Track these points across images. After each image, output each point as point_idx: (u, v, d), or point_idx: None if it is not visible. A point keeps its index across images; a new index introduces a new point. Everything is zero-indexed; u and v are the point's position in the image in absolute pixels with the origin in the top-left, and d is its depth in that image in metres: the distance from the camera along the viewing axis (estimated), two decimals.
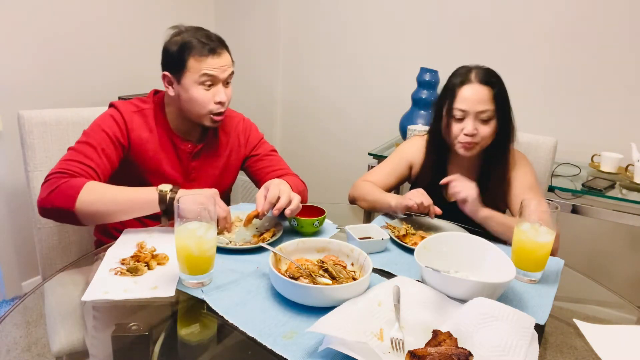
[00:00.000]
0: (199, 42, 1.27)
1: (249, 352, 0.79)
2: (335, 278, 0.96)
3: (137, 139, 1.33)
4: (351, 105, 2.79)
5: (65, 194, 1.12)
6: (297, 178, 1.47)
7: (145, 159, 1.34)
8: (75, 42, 2.26)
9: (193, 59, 1.26)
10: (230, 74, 1.33)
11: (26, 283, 2.29)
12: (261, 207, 1.17)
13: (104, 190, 1.16)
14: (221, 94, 1.31)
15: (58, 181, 1.14)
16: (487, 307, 0.84)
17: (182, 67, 1.27)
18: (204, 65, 1.26)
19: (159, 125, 1.36)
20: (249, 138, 1.51)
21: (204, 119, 1.33)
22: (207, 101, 1.29)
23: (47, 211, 1.15)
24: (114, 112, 1.33)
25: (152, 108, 1.37)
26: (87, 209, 1.12)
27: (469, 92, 1.34)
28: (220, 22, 3.05)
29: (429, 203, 1.28)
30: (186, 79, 1.28)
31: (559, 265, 1.14)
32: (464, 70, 1.38)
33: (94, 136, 1.27)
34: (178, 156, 1.39)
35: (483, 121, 1.35)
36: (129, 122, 1.32)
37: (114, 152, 1.28)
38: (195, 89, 1.28)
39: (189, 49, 1.26)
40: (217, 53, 1.28)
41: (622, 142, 2.02)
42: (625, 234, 2.18)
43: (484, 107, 1.33)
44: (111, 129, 1.29)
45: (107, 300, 0.90)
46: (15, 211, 2.17)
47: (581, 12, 2.09)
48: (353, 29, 2.68)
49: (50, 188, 1.14)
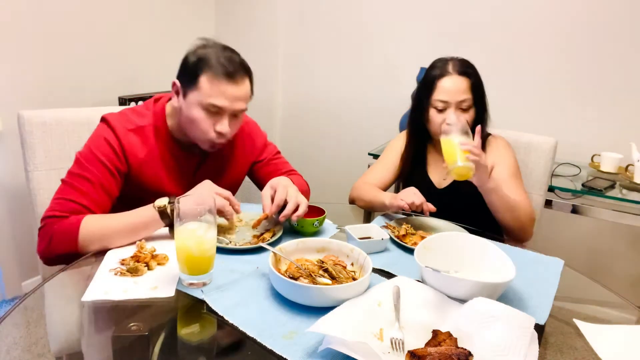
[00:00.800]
0: (218, 62, 1.15)
1: (249, 352, 0.79)
2: (335, 278, 0.96)
3: (136, 162, 1.23)
4: (351, 105, 2.79)
5: (64, 239, 1.06)
6: (301, 178, 1.47)
7: (145, 180, 1.25)
8: (76, 42, 2.26)
9: (206, 77, 1.14)
10: (242, 110, 1.21)
11: (26, 283, 2.29)
12: (268, 209, 1.17)
13: (103, 223, 1.10)
14: (224, 125, 1.18)
15: (51, 228, 1.08)
16: (487, 307, 0.83)
17: (193, 83, 1.16)
18: (214, 92, 1.15)
19: (159, 141, 1.26)
20: (255, 142, 1.46)
21: (201, 143, 1.23)
22: (207, 128, 1.18)
23: (53, 260, 1.10)
24: (108, 134, 1.21)
25: (151, 123, 1.26)
26: (92, 246, 1.08)
27: (449, 83, 1.40)
28: (221, 21, 3.05)
29: (421, 202, 1.29)
30: (192, 96, 1.17)
31: (559, 265, 1.14)
32: (441, 62, 1.44)
33: (89, 169, 1.16)
34: (181, 171, 1.31)
35: (463, 110, 1.41)
36: (125, 145, 1.21)
37: (112, 184, 1.19)
38: (197, 111, 1.17)
39: (205, 65, 1.15)
40: (235, 80, 1.16)
41: (622, 142, 2.02)
42: (625, 234, 2.18)
43: (463, 96, 1.39)
44: (107, 157, 1.18)
45: (107, 300, 0.90)
46: (15, 211, 2.17)
47: (581, 12, 2.09)
48: (353, 29, 2.68)
49: (46, 238, 1.08)
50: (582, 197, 1.85)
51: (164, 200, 1.11)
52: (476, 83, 1.42)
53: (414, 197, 1.29)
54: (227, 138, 1.23)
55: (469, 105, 1.41)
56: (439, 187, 1.52)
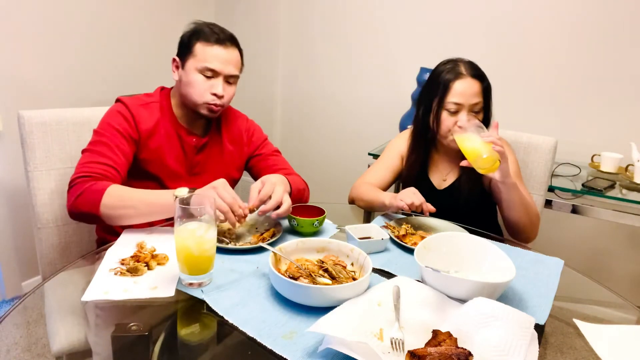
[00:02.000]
0: (210, 30, 1.30)
1: (249, 352, 0.79)
2: (335, 278, 0.96)
3: (145, 131, 1.34)
4: (351, 105, 2.79)
5: (90, 198, 1.15)
6: (299, 178, 1.47)
7: (150, 151, 1.35)
8: (76, 42, 2.26)
9: (200, 43, 1.29)
10: (234, 76, 1.33)
11: (26, 283, 2.29)
12: (252, 202, 1.18)
13: (124, 194, 1.17)
14: (219, 87, 1.30)
15: (83, 185, 1.17)
16: (487, 307, 0.84)
17: (189, 51, 1.30)
18: (208, 56, 1.28)
19: (164, 117, 1.37)
20: (253, 137, 1.52)
21: (200, 107, 1.33)
22: (204, 90, 1.30)
23: (76, 215, 1.18)
24: (121, 107, 1.33)
25: (157, 101, 1.38)
26: (110, 212, 1.15)
27: (463, 86, 1.38)
28: (221, 21, 3.04)
29: (420, 202, 1.29)
30: (189, 63, 1.30)
31: (559, 265, 1.14)
32: (452, 64, 1.42)
33: (106, 135, 1.28)
34: (183, 149, 1.39)
35: (475, 113, 1.40)
36: (136, 115, 1.33)
37: (127, 148, 1.30)
38: (194, 75, 1.29)
39: (197, 33, 1.30)
40: (225, 45, 1.30)
41: (622, 142, 2.02)
42: (625, 234, 2.18)
43: (476, 99, 1.39)
44: (121, 125, 1.30)
45: (107, 300, 0.90)
46: (15, 211, 2.17)
47: (581, 13, 2.09)
48: (353, 28, 2.68)
49: (76, 193, 1.16)
50: (582, 197, 1.85)
51: (184, 189, 1.14)
52: (487, 87, 1.42)
53: (413, 197, 1.29)
54: (223, 103, 1.34)
55: (480, 108, 1.41)
56: (439, 188, 1.52)
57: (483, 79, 1.41)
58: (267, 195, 1.17)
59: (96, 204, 1.14)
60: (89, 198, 1.15)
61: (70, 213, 1.19)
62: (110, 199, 1.14)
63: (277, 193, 1.18)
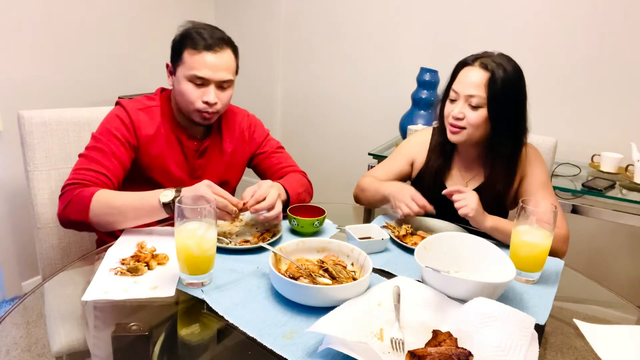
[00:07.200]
0: (198, 36, 1.23)
1: (249, 352, 0.79)
2: (335, 278, 0.96)
3: (145, 137, 1.31)
4: (351, 105, 2.79)
5: (78, 206, 1.13)
6: (303, 175, 1.47)
7: (151, 157, 1.32)
8: (75, 41, 2.26)
9: (187, 51, 1.24)
10: (227, 81, 1.28)
11: (26, 283, 2.28)
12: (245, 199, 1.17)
13: (111, 199, 1.14)
14: (210, 95, 1.25)
15: (72, 193, 1.15)
16: (487, 307, 0.84)
17: (179, 59, 1.26)
18: (196, 64, 1.23)
19: (165, 121, 1.34)
20: (254, 135, 1.49)
21: (193, 115, 1.29)
22: (195, 98, 1.25)
23: (66, 224, 1.17)
24: (120, 112, 1.30)
25: (158, 105, 1.35)
26: (99, 219, 1.13)
27: (465, 74, 1.29)
28: (221, 21, 3.05)
29: (417, 211, 1.25)
30: (179, 71, 1.26)
31: (559, 265, 1.14)
32: (479, 54, 1.32)
33: (103, 140, 1.26)
34: (184, 154, 1.37)
35: (472, 107, 1.28)
36: (135, 121, 1.29)
37: (124, 154, 1.27)
38: (184, 84, 1.25)
39: (187, 40, 1.24)
40: (214, 50, 1.23)
41: (622, 142, 2.02)
42: (625, 234, 2.18)
43: (473, 91, 1.26)
44: (119, 130, 1.27)
45: (107, 300, 0.90)
46: (15, 211, 2.17)
47: (581, 12, 2.09)
48: (353, 28, 2.68)
49: (65, 201, 1.15)
50: (582, 197, 1.85)
51: (170, 192, 1.12)
52: (496, 81, 1.25)
53: (411, 204, 1.25)
54: (217, 109, 1.29)
55: (478, 102, 1.26)
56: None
57: (495, 72, 1.25)
58: (263, 196, 1.17)
59: (85, 211, 1.12)
60: (78, 206, 1.13)
61: (60, 222, 1.17)
62: (98, 205, 1.12)
63: (272, 195, 1.18)
